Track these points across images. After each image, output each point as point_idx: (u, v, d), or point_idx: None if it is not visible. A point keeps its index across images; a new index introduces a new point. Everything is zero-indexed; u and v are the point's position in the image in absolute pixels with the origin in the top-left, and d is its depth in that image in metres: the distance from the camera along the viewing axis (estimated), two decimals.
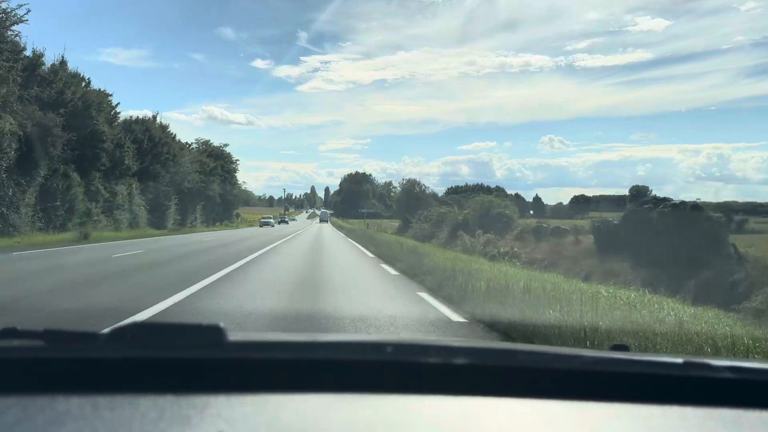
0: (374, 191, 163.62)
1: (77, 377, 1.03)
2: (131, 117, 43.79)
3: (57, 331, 1.07)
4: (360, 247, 24.37)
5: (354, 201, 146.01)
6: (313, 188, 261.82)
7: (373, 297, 9.19)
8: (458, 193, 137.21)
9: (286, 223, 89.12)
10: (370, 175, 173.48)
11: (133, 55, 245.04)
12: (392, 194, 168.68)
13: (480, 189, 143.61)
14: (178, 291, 8.55)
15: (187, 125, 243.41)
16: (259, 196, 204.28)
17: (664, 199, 20.11)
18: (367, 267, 15.02)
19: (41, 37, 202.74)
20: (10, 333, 1.11)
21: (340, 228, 60.52)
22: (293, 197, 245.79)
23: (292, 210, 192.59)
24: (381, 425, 0.93)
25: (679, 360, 1.16)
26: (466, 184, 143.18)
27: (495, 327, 6.33)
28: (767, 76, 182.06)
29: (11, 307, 7.39)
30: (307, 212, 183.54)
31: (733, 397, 1.07)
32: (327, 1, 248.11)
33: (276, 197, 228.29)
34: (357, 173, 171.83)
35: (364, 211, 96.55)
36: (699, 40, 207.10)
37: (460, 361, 1.11)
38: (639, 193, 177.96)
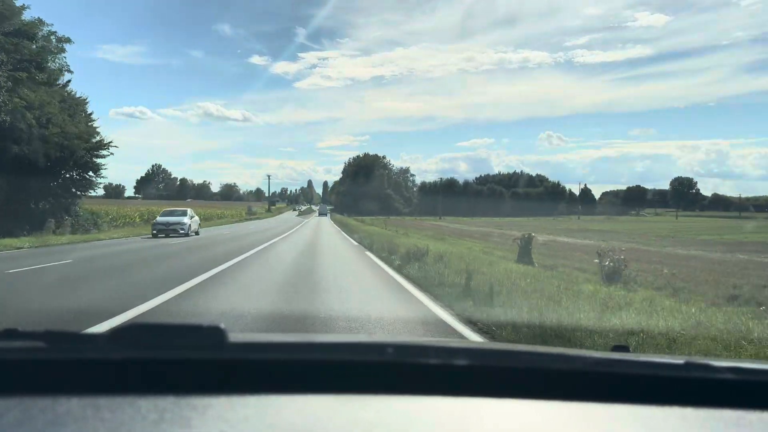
0: (389, 179, 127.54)
1: (78, 378, 1.03)
2: None
3: (58, 332, 1.07)
4: None
5: (362, 192, 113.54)
6: (310, 182, 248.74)
7: None
8: (486, 183, 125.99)
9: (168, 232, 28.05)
10: (384, 157, 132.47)
11: (130, 51, 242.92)
12: (410, 184, 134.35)
13: (523, 180, 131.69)
14: None
15: (182, 122, 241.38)
16: (249, 191, 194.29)
17: None
18: None
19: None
20: (11, 334, 1.11)
21: (375, 251, 18.58)
22: (288, 192, 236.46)
23: (282, 204, 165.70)
24: (382, 426, 0.92)
25: (681, 360, 1.16)
26: (466, 180, 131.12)
27: None
28: (766, 72, 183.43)
29: None
30: (296, 209, 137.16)
31: (734, 398, 1.07)
32: None
33: (269, 192, 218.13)
34: (366, 155, 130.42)
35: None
36: (698, 35, 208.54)
37: (460, 362, 1.11)
38: (682, 185, 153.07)
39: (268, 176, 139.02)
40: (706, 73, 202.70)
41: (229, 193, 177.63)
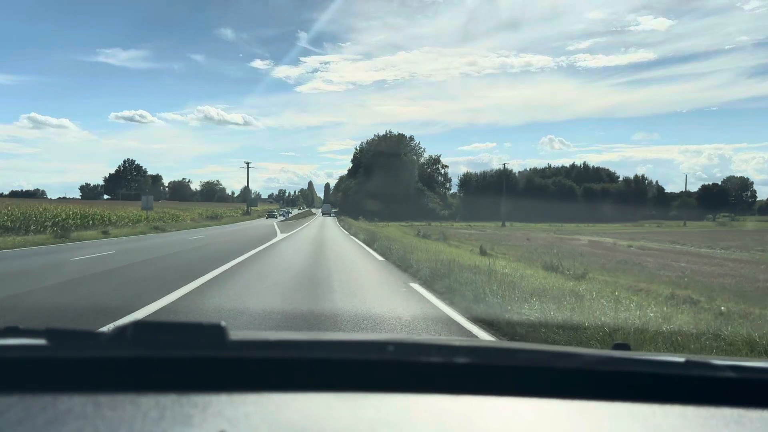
0: (421, 170, 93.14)
1: (79, 376, 1.03)
2: None
3: (59, 330, 1.07)
4: None
5: (382, 188, 79.89)
6: (310, 183, 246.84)
7: None
8: (550, 176, 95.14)
9: None
10: (411, 138, 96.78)
11: (132, 55, 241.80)
12: (440, 177, 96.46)
13: (575, 172, 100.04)
14: None
15: (182, 125, 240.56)
16: (232, 192, 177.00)
17: None
18: None
19: (40, 39, 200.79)
20: (12, 332, 1.12)
21: None
22: (287, 194, 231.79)
23: (275, 206, 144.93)
24: (382, 424, 0.93)
25: (681, 359, 1.16)
26: (525, 170, 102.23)
27: None
28: None
29: None
30: (279, 213, 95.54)
31: (734, 396, 1.07)
32: (327, 0, 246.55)
33: (265, 195, 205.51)
34: (388, 136, 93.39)
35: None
36: (702, 39, 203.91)
37: (461, 360, 1.11)
38: (735, 186, 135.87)
39: (247, 163, 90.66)
40: (709, 78, 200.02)
41: (210, 192, 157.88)
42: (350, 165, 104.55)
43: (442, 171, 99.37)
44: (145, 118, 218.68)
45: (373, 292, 9.50)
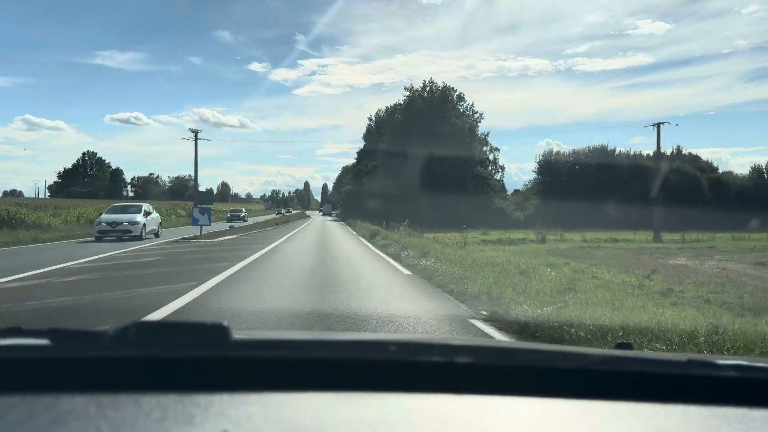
0: (480, 143, 58.54)
1: (81, 376, 1.03)
2: None
3: (61, 330, 1.08)
4: None
5: (418, 170, 48.23)
6: (306, 184, 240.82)
7: None
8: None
9: None
10: (461, 95, 58.94)
11: (129, 58, 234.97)
12: (490, 165, 60.52)
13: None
14: None
15: (177, 127, 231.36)
16: (206, 189, 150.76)
17: None
18: None
19: (36, 40, 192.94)
20: (15, 332, 1.12)
21: None
22: (280, 195, 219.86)
23: (259, 206, 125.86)
24: (384, 424, 0.93)
25: (683, 358, 1.16)
26: (639, 154, 73.04)
27: None
28: (767, 80, 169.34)
29: None
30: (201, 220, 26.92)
31: (737, 395, 1.07)
32: (325, 3, 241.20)
33: (257, 195, 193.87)
34: (428, 87, 56.81)
35: None
36: (699, 43, 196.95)
37: (463, 359, 1.11)
38: None
39: (195, 132, 49.16)
40: (706, 82, 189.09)
41: (180, 189, 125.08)
42: (366, 138, 73.81)
43: (491, 157, 61.30)
44: (140, 121, 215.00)
45: None
